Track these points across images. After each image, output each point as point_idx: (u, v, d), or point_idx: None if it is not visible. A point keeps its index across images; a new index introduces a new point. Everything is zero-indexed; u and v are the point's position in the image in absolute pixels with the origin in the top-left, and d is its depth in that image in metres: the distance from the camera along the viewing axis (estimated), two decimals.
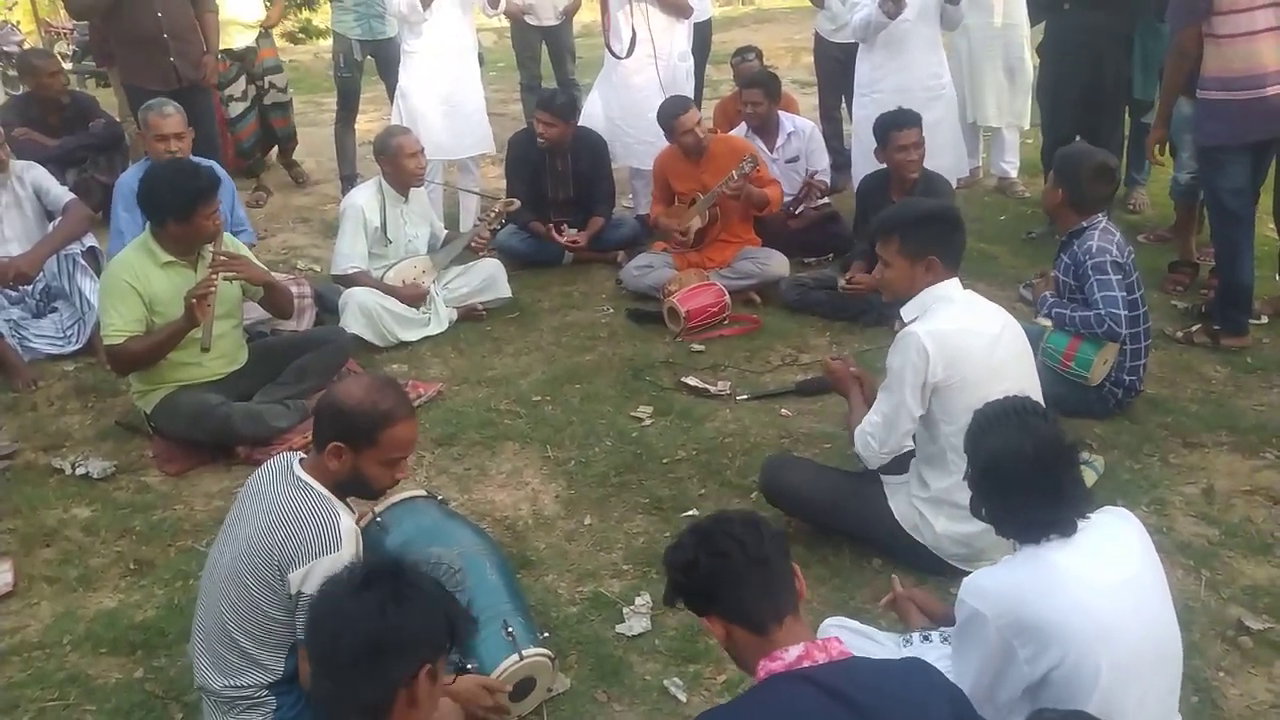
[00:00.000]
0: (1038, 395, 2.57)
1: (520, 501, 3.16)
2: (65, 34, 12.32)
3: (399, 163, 4.38)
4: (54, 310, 4.26)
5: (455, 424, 3.60)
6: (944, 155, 4.77)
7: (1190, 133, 4.41)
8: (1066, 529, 1.78)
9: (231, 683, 2.06)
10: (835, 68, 6.13)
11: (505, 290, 4.62)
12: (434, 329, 4.38)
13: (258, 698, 2.07)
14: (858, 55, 5.01)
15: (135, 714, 2.36)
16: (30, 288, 4.20)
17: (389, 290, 4.32)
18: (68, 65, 11.85)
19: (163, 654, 2.54)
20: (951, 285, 2.58)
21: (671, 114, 4.62)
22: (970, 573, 1.95)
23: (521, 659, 2.24)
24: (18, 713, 2.36)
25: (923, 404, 2.53)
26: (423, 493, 2.75)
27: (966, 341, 2.50)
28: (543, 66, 6.74)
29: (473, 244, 4.62)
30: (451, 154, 5.42)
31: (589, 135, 5.16)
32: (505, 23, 6.60)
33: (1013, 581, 1.78)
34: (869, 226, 4.36)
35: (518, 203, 4.80)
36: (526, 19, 6.18)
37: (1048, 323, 3.53)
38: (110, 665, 2.51)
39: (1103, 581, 1.74)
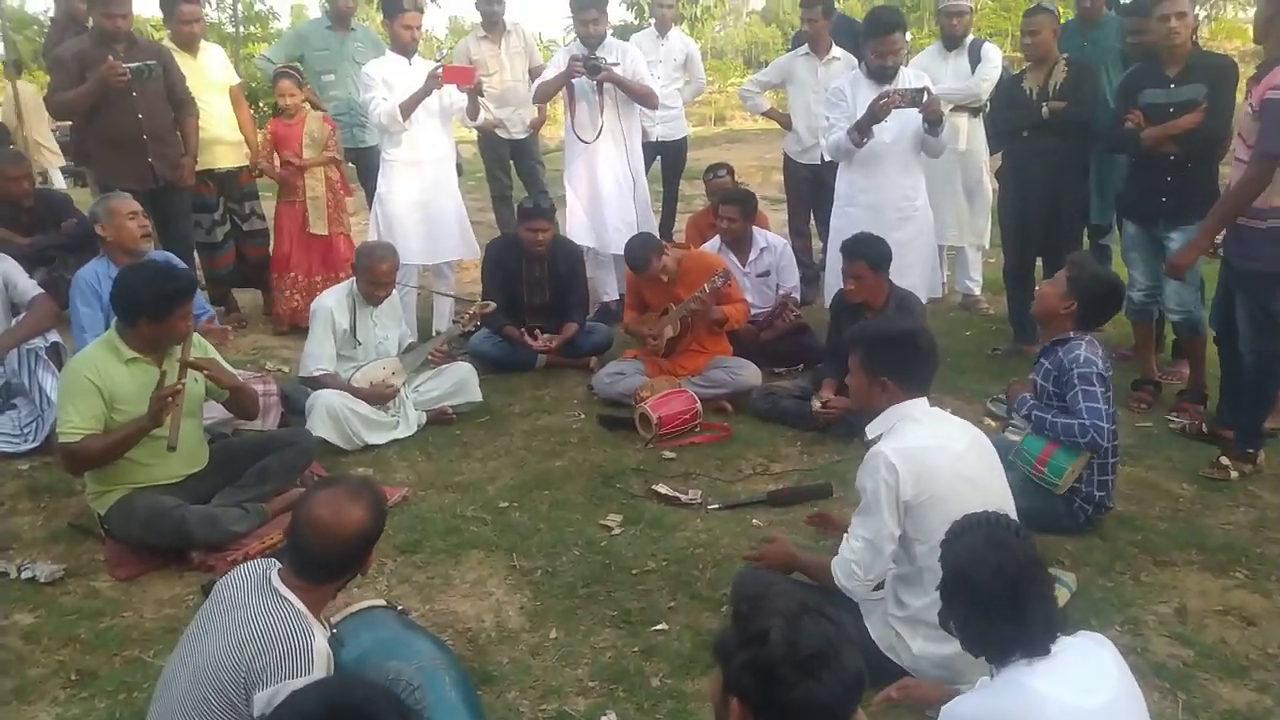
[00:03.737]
0: (1011, 509, 2.57)
1: (484, 613, 3.06)
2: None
3: (365, 282, 4.41)
4: (13, 407, 4.17)
5: (419, 530, 3.52)
6: (914, 274, 4.88)
7: (1138, 251, 4.57)
8: (1034, 649, 1.75)
9: None
10: (804, 186, 6.35)
11: (476, 394, 4.60)
12: (402, 432, 4.33)
13: None
14: (839, 169, 5.17)
15: None
16: None
17: (356, 392, 4.28)
18: None
19: None
20: (916, 405, 2.58)
21: (637, 266, 4.71)
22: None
23: None
24: None
25: (900, 524, 2.49)
26: (382, 603, 2.64)
27: (933, 459, 2.48)
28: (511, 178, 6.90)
29: (431, 355, 4.60)
30: (426, 259, 5.49)
31: (566, 243, 5.27)
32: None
33: (992, 709, 1.74)
34: (840, 341, 4.45)
35: (494, 305, 4.84)
36: (497, 132, 6.36)
37: (1018, 437, 3.55)
38: None
39: (1081, 706, 1.71)
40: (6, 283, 4.25)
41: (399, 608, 2.69)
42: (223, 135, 5.69)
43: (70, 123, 5.98)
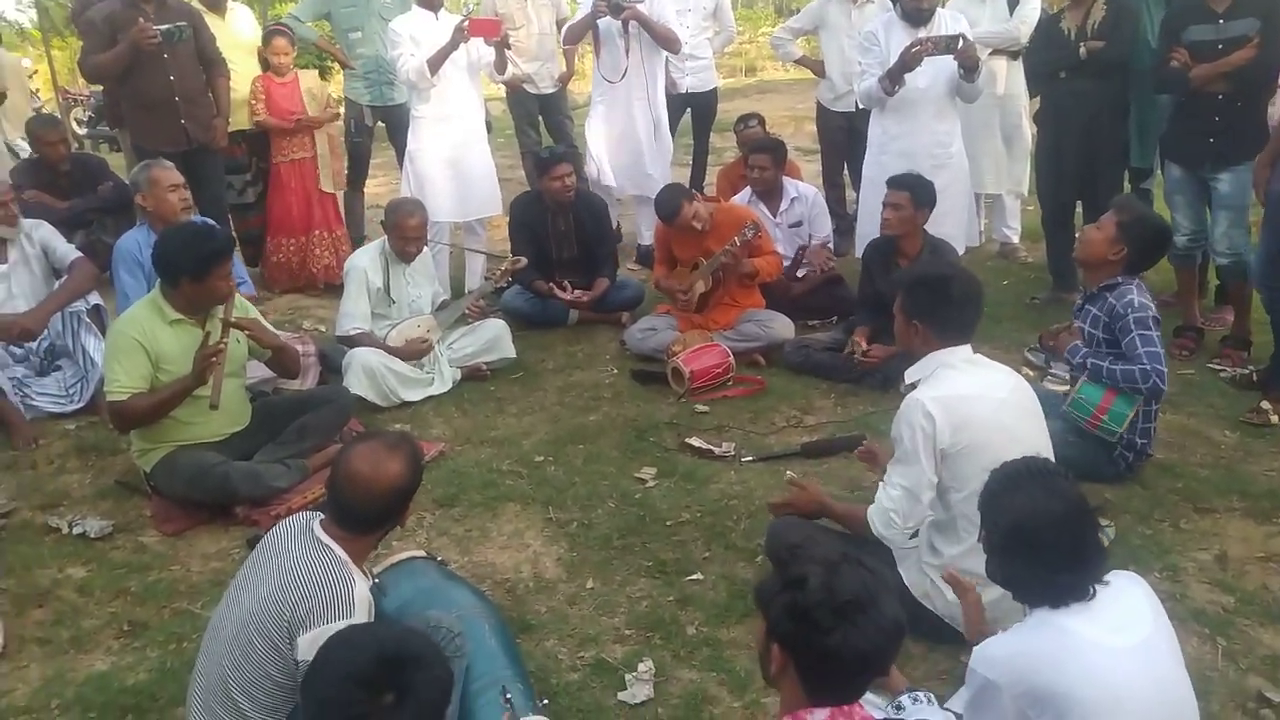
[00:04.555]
0: (1050, 457, 2.54)
1: (521, 564, 3.11)
2: (82, 100, 12.61)
3: (395, 239, 4.44)
4: (57, 368, 4.26)
5: (457, 485, 3.56)
6: (949, 222, 4.80)
7: (1182, 194, 4.46)
8: (1086, 593, 1.74)
9: None
10: (838, 135, 6.25)
11: (510, 350, 4.62)
12: (437, 389, 4.37)
13: None
14: (871, 116, 5.09)
15: None
16: (35, 345, 4.20)
17: (392, 350, 4.32)
18: (82, 130, 12.15)
19: (153, 718, 2.47)
20: (956, 352, 2.55)
21: (667, 214, 4.66)
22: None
23: None
24: None
25: (938, 471, 2.48)
26: (422, 554, 2.71)
27: (972, 407, 2.46)
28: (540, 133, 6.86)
29: (467, 311, 4.64)
30: (457, 216, 5.49)
31: (590, 197, 5.25)
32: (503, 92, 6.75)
33: (1024, 649, 1.74)
34: (872, 291, 4.41)
35: (524, 261, 4.85)
36: (525, 87, 6.32)
37: (1057, 388, 3.51)
38: None
39: (1114, 646, 1.70)
40: (45, 248, 4.32)
41: (438, 559, 2.75)
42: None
43: (102, 87, 6.00)
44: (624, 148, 5.73)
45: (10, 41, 18.59)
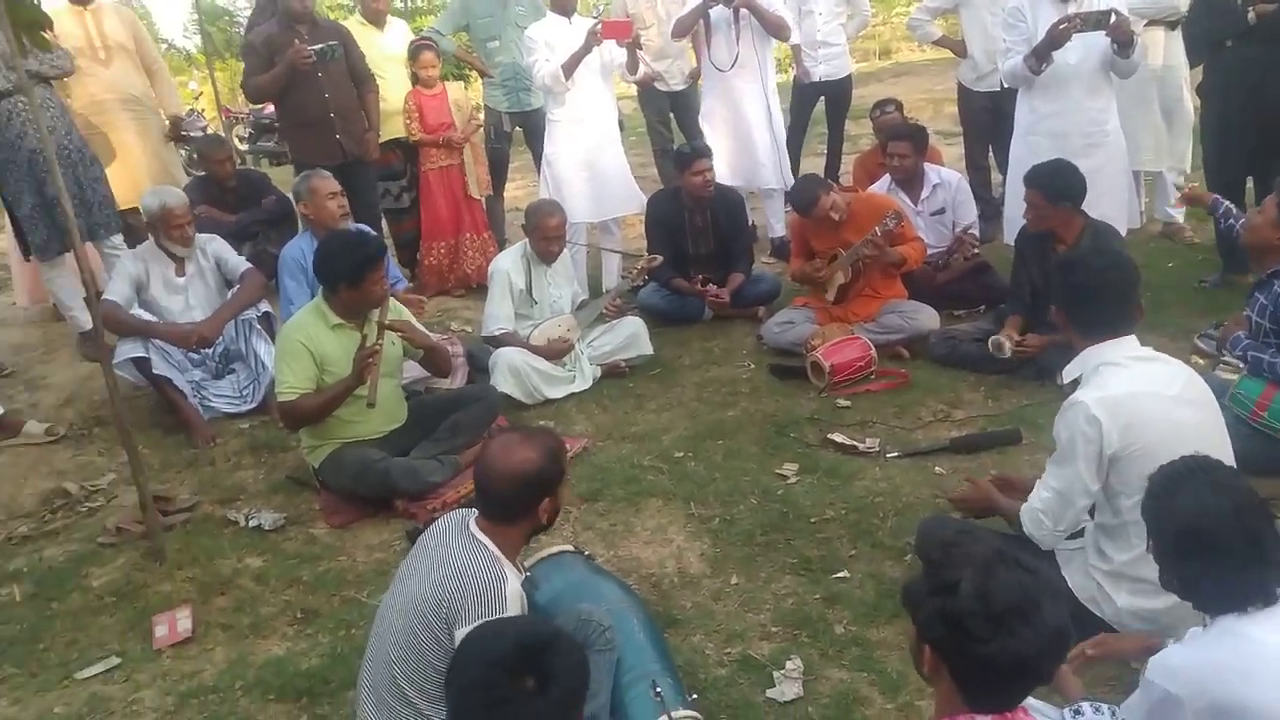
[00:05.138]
0: (1229, 455, 2.38)
1: (666, 559, 3.14)
2: (243, 118, 13.47)
3: (536, 240, 4.55)
4: (231, 372, 4.58)
5: (600, 480, 3.63)
6: (1106, 204, 4.54)
7: None
8: (1270, 596, 1.62)
9: None
10: (981, 116, 6.02)
11: (647, 347, 4.67)
12: (579, 386, 4.47)
13: None
14: (1018, 96, 4.89)
15: None
16: (211, 351, 4.53)
17: (535, 349, 4.44)
18: (244, 146, 12.99)
19: (326, 702, 2.63)
20: (1119, 346, 2.41)
21: (804, 206, 4.60)
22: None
23: None
24: None
25: (1099, 477, 2.35)
26: (570, 548, 2.78)
27: (1142, 406, 2.31)
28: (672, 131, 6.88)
29: (605, 310, 4.71)
30: (594, 216, 5.58)
31: (727, 192, 5.24)
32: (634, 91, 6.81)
33: (1207, 660, 1.64)
34: (1026, 279, 4.21)
35: (660, 258, 4.89)
36: (656, 85, 6.36)
37: (1231, 375, 3.28)
38: (277, 712, 2.62)
39: None
40: (219, 260, 4.64)
41: (587, 553, 2.81)
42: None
43: (260, 105, 6.39)
44: (737, 139, 5.73)
45: (177, 65, 20.06)
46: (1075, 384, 2.46)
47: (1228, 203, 3.76)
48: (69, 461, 4.13)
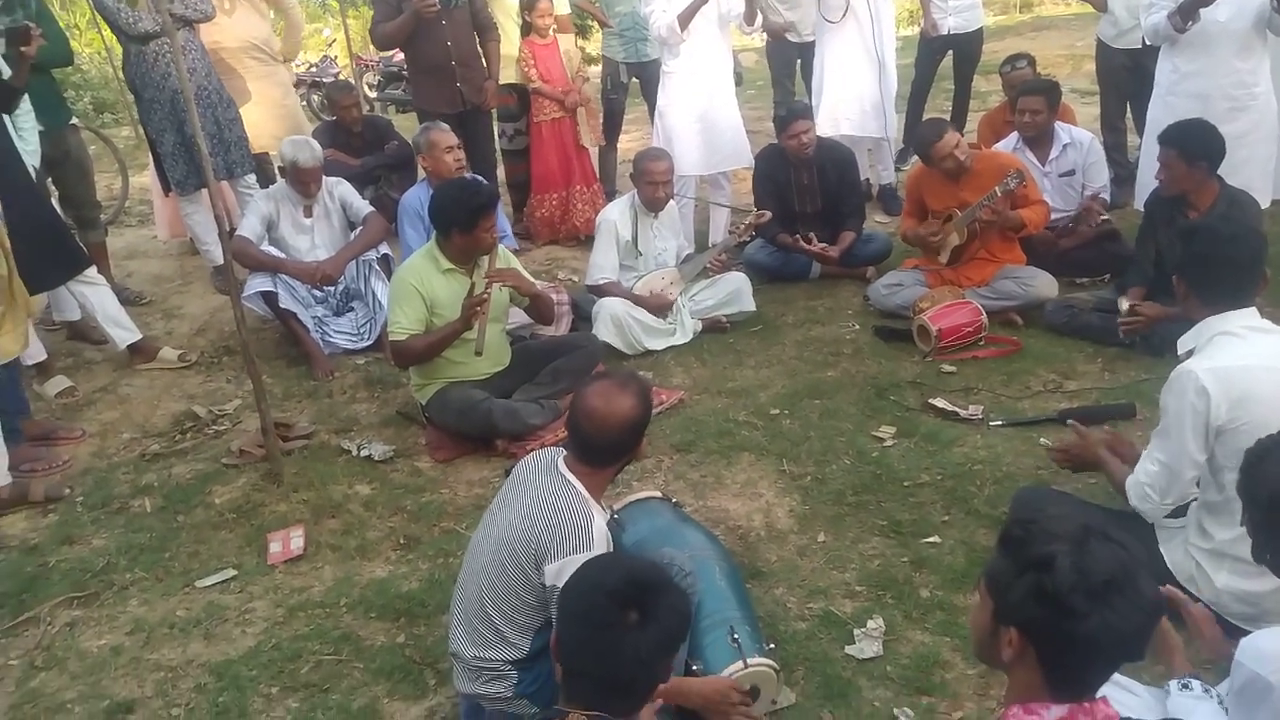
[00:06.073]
0: None
1: (754, 512, 3.16)
2: (373, 66, 13.84)
3: (643, 187, 4.56)
4: (351, 310, 4.79)
5: (694, 432, 3.67)
6: (1249, 171, 4.25)
7: None
8: None
9: (480, 654, 2.21)
10: (1120, 75, 5.69)
11: (750, 304, 4.66)
12: (679, 339, 4.50)
13: (502, 671, 2.21)
14: (1160, 53, 4.60)
15: (396, 675, 2.59)
16: (333, 289, 4.75)
17: (638, 300, 4.48)
18: (373, 94, 13.36)
19: (422, 623, 2.78)
20: (1237, 317, 2.31)
21: (928, 140, 4.44)
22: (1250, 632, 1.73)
23: (746, 666, 2.24)
24: (300, 662, 2.67)
25: (1205, 449, 2.27)
26: (658, 494, 2.83)
27: (1255, 379, 2.22)
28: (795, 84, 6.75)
29: (709, 264, 4.70)
30: (704, 169, 5.55)
31: (837, 148, 5.13)
32: (763, 42, 6.68)
33: None
34: (1153, 246, 4.00)
35: (768, 214, 4.84)
36: (787, 36, 6.23)
37: None
38: (378, 629, 2.78)
39: None
40: (344, 203, 4.84)
41: (674, 501, 2.86)
42: None
43: (389, 53, 6.54)
44: (846, 89, 5.63)
45: (313, 13, 20.66)
46: (1190, 356, 2.35)
47: None
48: (199, 387, 4.43)
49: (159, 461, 3.81)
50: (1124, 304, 3.85)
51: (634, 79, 6.32)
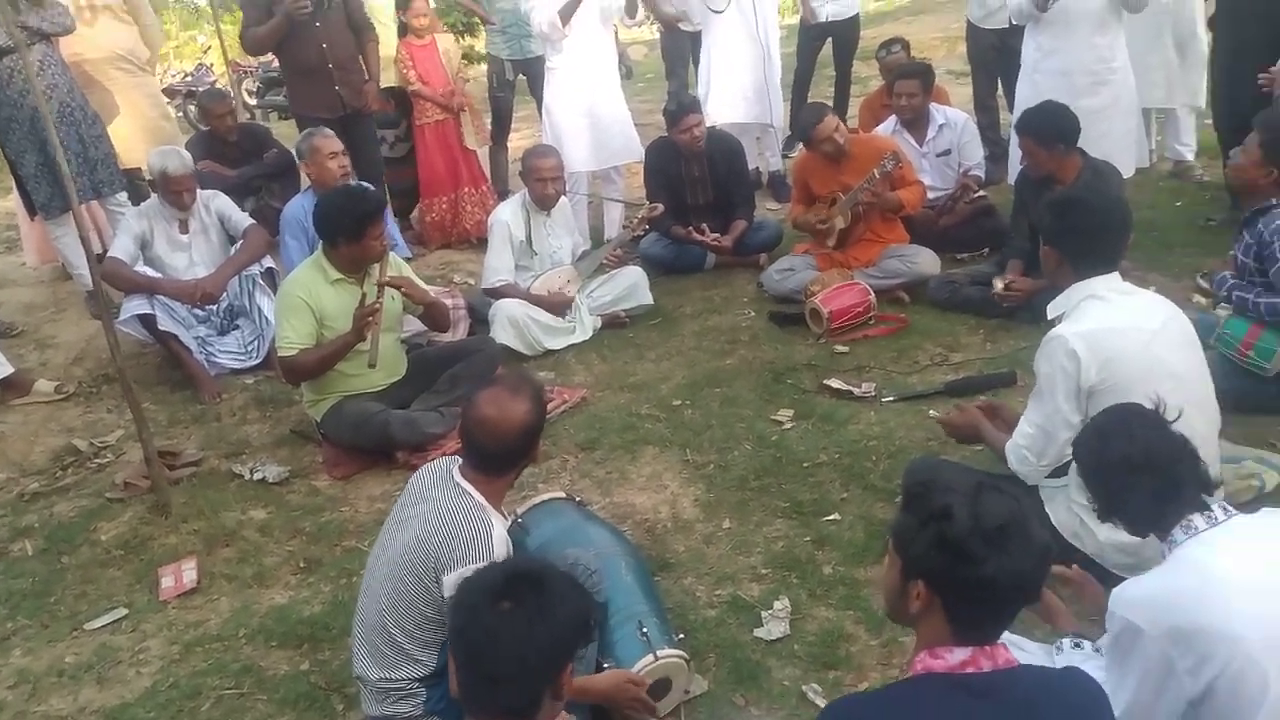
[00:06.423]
0: (1208, 391, 2.40)
1: (659, 504, 3.18)
2: (252, 72, 13.40)
3: (532, 184, 4.53)
4: (236, 328, 4.62)
5: (598, 429, 3.67)
6: (1110, 142, 4.47)
7: None
8: (1191, 506, 1.73)
9: (387, 675, 2.17)
10: (989, 54, 5.91)
11: (647, 297, 4.68)
12: (579, 337, 4.49)
13: (410, 690, 2.17)
14: (1025, 33, 4.79)
15: (301, 704, 2.51)
16: (215, 307, 4.57)
17: (535, 300, 4.45)
18: (252, 101, 12.93)
19: (327, 648, 2.70)
20: (1102, 282, 2.42)
21: (808, 123, 4.55)
22: None
23: (656, 659, 2.25)
24: (200, 699, 2.56)
25: (1079, 410, 2.38)
26: (562, 495, 2.82)
27: (1120, 341, 2.33)
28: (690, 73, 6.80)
29: (605, 260, 4.70)
30: (594, 165, 5.55)
31: (725, 139, 5.19)
32: (655, 35, 6.72)
33: (1164, 588, 1.68)
34: (1025, 221, 4.17)
35: (661, 207, 4.87)
36: (681, 26, 6.27)
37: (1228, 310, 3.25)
38: (280, 658, 2.69)
39: (1263, 583, 1.62)
40: (222, 216, 4.66)
41: (579, 500, 2.86)
42: None
43: (268, 59, 6.35)
44: (733, 77, 5.70)
45: (186, 19, 19.89)
46: (1060, 320, 2.46)
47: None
48: (78, 419, 4.21)
49: (39, 501, 3.62)
50: (998, 284, 4.01)
51: (521, 76, 6.27)
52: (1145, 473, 1.76)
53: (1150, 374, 2.26)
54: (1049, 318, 2.49)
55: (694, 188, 5.10)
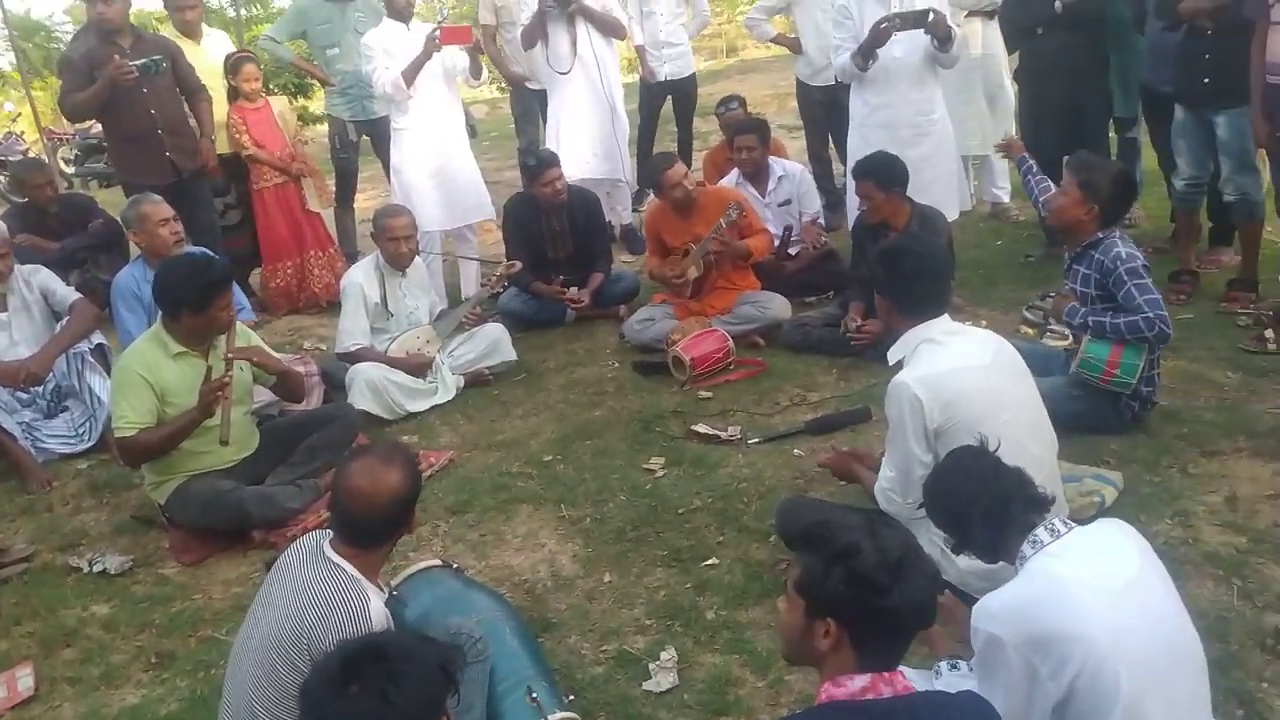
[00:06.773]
0: (1043, 415, 2.57)
1: (538, 564, 3.13)
2: (68, 139, 12.63)
3: (385, 244, 4.46)
4: (65, 409, 4.28)
5: (468, 491, 3.59)
6: (936, 189, 4.80)
7: (1185, 139, 4.43)
8: (1029, 523, 1.86)
9: None
10: (818, 110, 6.25)
11: (510, 353, 4.64)
12: (441, 398, 4.40)
13: None
14: (851, 90, 5.10)
15: None
16: (41, 388, 4.23)
17: (394, 363, 4.35)
18: (70, 169, 12.19)
19: None
20: (934, 325, 2.57)
21: (657, 170, 4.70)
22: None
23: None
24: None
25: (929, 450, 2.50)
26: (439, 563, 2.73)
27: (957, 382, 2.47)
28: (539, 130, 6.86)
29: (465, 318, 4.66)
30: (446, 224, 5.50)
31: (583, 193, 5.26)
32: (499, 94, 6.77)
33: (1019, 598, 1.78)
34: (864, 266, 4.41)
35: (519, 264, 4.87)
36: (527, 85, 6.33)
37: (1057, 343, 3.51)
38: None
39: (1106, 586, 1.74)
40: (44, 292, 4.34)
41: (455, 566, 2.77)
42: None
43: (85, 125, 6.02)
44: (582, 135, 5.79)
45: None
46: (900, 365, 2.59)
47: (1032, 161, 4.01)
48: None
49: None
50: (851, 325, 4.25)
51: (364, 136, 6.17)
52: (978, 506, 1.91)
53: (989, 407, 2.42)
54: (890, 363, 2.62)
55: (555, 241, 5.13)
